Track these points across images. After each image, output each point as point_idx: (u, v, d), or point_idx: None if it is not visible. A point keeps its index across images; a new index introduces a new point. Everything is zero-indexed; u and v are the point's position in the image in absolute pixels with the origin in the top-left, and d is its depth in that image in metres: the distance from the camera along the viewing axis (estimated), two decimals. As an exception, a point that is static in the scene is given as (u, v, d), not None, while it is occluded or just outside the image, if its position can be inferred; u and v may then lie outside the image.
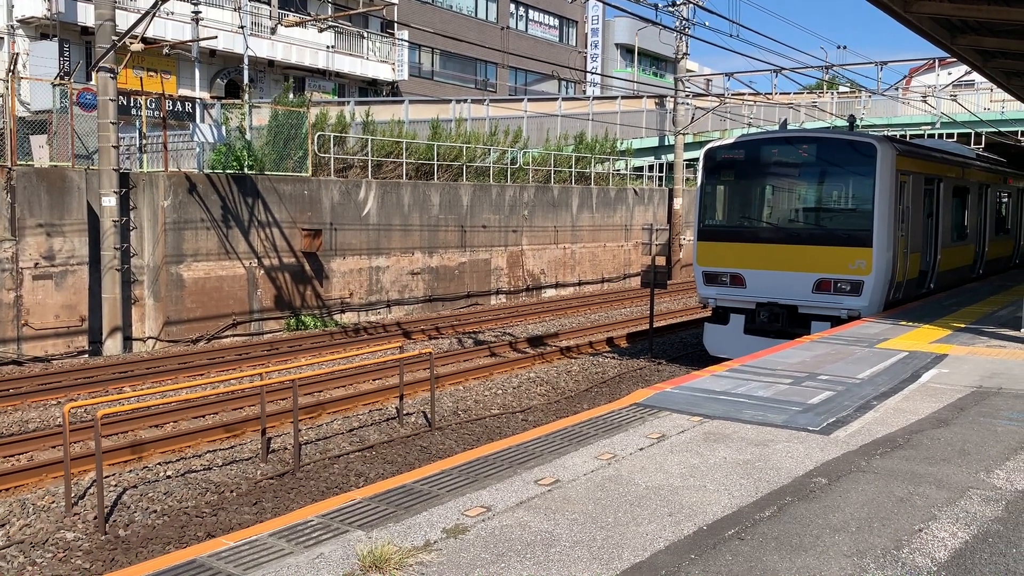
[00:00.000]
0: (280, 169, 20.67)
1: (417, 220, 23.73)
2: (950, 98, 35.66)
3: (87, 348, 16.95)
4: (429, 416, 12.38)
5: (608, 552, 4.44)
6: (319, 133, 22.41)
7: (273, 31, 30.56)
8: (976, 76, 28.34)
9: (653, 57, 61.73)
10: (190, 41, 26.71)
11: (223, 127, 20.56)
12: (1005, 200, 22.30)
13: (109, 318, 16.83)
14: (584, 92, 52.38)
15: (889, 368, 9.23)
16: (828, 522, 4.86)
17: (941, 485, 5.51)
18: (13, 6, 27.05)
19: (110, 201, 16.83)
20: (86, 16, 26.38)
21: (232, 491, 9.55)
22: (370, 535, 4.61)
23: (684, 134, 35.23)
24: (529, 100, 36.46)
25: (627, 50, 59.59)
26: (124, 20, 21.16)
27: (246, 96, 22.77)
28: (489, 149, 28.05)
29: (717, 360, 12.50)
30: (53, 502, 8.93)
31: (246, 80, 27.42)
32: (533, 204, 27.90)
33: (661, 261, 18.77)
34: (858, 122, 30.05)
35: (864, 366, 9.32)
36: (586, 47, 56.20)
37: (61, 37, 27.57)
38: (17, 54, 23.03)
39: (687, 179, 35.57)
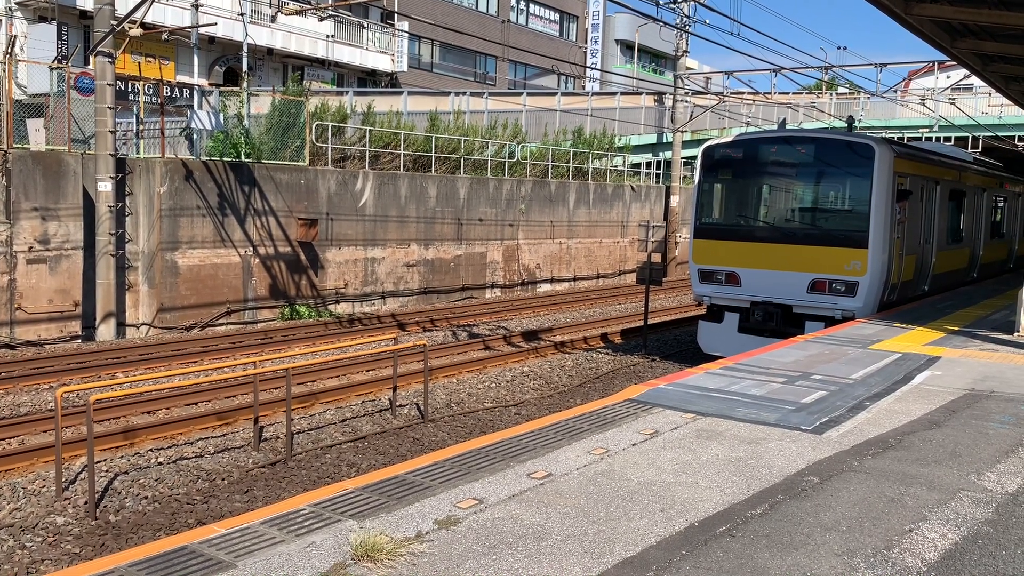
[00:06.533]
0: (277, 158, 20.61)
1: (414, 212, 23.70)
2: (948, 101, 35.69)
3: (80, 333, 16.91)
4: (422, 408, 12.38)
5: (599, 546, 4.44)
6: (317, 123, 22.35)
7: (273, 19, 30.38)
8: (975, 80, 28.36)
9: (653, 54, 61.65)
10: (189, 27, 26.57)
11: (221, 114, 20.48)
12: (1001, 204, 22.36)
13: (103, 303, 16.79)
14: (583, 87, 52.30)
15: (882, 369, 9.25)
16: (819, 521, 4.87)
17: (932, 486, 5.53)
18: (11, -12, 26.91)
19: (106, 186, 16.78)
20: (85, 0, 26.25)
21: (224, 479, 9.55)
22: (362, 525, 4.61)
23: (682, 132, 35.21)
24: (528, 94, 36.39)
25: (627, 46, 59.48)
26: (123, 5, 21.05)
27: (245, 84, 22.65)
28: (487, 142, 27.99)
29: (711, 358, 12.52)
30: (44, 487, 8.92)
31: (245, 68, 27.30)
32: (530, 198, 27.87)
33: (657, 258, 18.76)
34: (856, 123, 30.03)
35: (857, 367, 9.35)
36: (586, 42, 56.08)
37: (59, 20, 27.42)
38: (15, 36, 22.92)
39: (684, 177, 35.56)
